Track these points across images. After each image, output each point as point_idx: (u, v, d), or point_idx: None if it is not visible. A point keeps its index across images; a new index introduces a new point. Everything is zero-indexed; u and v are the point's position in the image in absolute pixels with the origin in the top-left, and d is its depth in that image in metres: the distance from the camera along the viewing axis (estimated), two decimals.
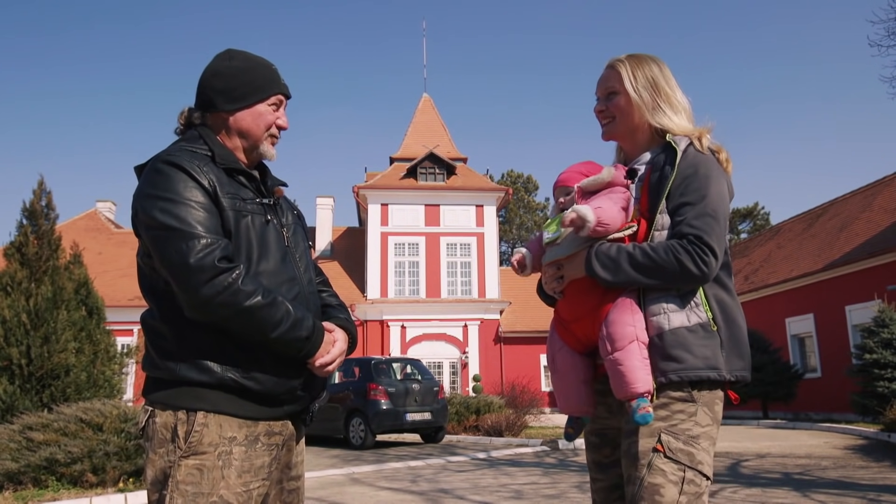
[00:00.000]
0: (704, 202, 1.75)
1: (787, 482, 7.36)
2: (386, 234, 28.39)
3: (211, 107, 1.84)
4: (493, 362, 27.60)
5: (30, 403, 7.83)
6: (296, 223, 1.96)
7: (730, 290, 1.82)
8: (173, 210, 1.63)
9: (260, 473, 1.70)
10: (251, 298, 1.62)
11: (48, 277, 8.64)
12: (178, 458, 1.63)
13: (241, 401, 1.69)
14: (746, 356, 1.81)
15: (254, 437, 1.70)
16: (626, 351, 1.72)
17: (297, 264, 1.86)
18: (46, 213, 9.12)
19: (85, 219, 30.68)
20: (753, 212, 51.19)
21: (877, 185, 22.56)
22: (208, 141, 1.80)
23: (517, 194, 49.39)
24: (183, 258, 1.60)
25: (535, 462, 10.13)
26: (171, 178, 1.67)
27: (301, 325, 1.69)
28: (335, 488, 7.62)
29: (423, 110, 32.96)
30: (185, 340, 1.67)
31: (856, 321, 18.77)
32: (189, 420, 1.65)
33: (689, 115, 1.94)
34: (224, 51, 1.89)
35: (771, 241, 27.49)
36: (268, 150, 1.88)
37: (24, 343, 8.00)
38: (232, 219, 1.71)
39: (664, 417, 1.71)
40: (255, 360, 1.69)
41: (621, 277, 1.74)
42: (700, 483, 1.68)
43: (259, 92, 1.84)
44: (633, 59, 1.95)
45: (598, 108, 2.00)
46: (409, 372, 14.40)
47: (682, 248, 1.70)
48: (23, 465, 6.72)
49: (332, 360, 1.79)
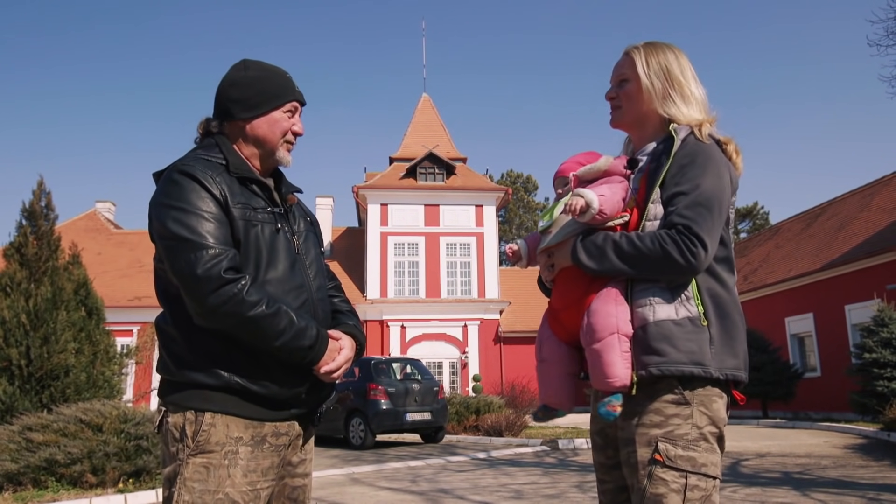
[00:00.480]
0: (697, 192, 1.68)
1: (786, 481, 7.36)
2: (385, 234, 28.38)
3: (228, 116, 1.90)
4: (492, 362, 27.60)
5: (29, 404, 7.82)
6: (308, 230, 2.01)
7: (726, 285, 1.74)
8: (184, 220, 1.70)
9: (268, 474, 1.76)
10: (255, 308, 1.67)
11: (47, 278, 8.63)
12: (187, 457, 1.70)
13: (246, 403, 1.74)
14: (741, 355, 1.72)
15: (260, 438, 1.75)
16: (606, 343, 1.67)
17: (306, 271, 1.90)
18: (46, 213, 9.11)
19: (84, 219, 30.66)
20: (753, 211, 51.20)
21: (875, 184, 22.57)
22: (224, 150, 1.86)
23: (517, 194, 49.43)
24: (191, 268, 1.66)
25: (535, 462, 10.13)
26: (184, 188, 1.73)
27: (304, 335, 1.74)
28: (335, 488, 7.62)
29: (422, 110, 32.96)
30: (195, 345, 1.74)
31: (855, 320, 18.78)
32: (197, 420, 1.71)
33: (703, 107, 1.87)
34: (240, 61, 1.95)
35: (770, 240, 27.50)
36: (284, 156, 1.93)
37: (24, 344, 7.99)
38: (242, 228, 1.76)
39: (659, 424, 1.66)
40: (261, 366, 1.74)
41: (606, 266, 1.70)
42: (705, 485, 1.63)
43: (274, 99, 1.89)
44: (649, 46, 1.91)
45: (609, 94, 1.96)
46: (409, 372, 14.40)
47: (670, 238, 1.64)
48: (22, 465, 6.72)
49: (337, 367, 1.82)
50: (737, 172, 1.85)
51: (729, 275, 1.77)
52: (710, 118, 1.85)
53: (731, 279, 1.77)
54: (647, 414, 1.68)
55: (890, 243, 17.70)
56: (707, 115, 1.87)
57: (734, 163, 1.84)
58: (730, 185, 1.78)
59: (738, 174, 1.85)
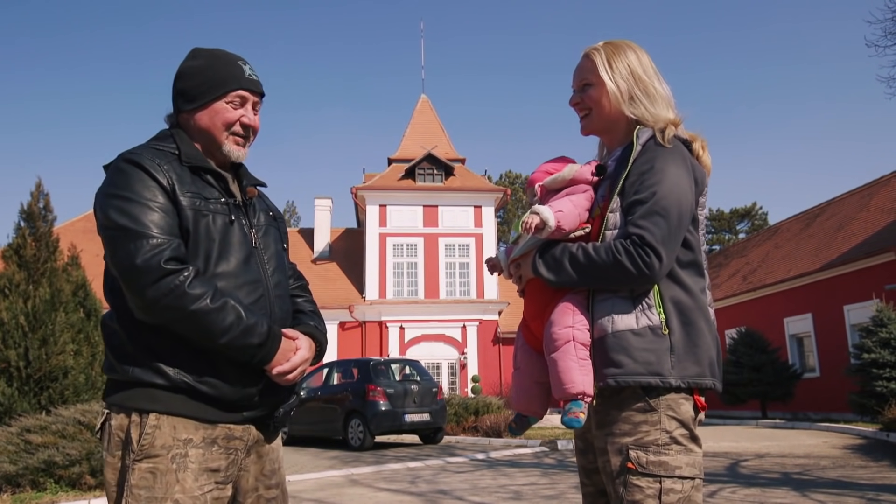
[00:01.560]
0: (654, 199, 1.66)
1: (786, 482, 7.36)
2: (384, 234, 28.36)
3: (176, 108, 1.83)
4: (491, 363, 27.58)
5: (28, 406, 7.82)
6: (269, 224, 1.90)
7: (691, 292, 1.72)
8: (127, 209, 1.61)
9: (214, 476, 1.64)
10: (198, 302, 1.57)
11: (46, 279, 8.63)
12: (132, 462, 1.60)
13: (195, 402, 1.64)
14: (706, 362, 1.70)
15: (211, 440, 1.65)
16: (562, 351, 1.69)
17: (263, 266, 1.80)
18: (44, 214, 9.11)
19: (83, 220, 30.58)
20: (752, 212, 51.25)
21: (874, 185, 22.59)
22: (177, 140, 1.77)
23: (515, 195, 49.40)
24: (130, 258, 1.57)
25: (534, 463, 10.13)
26: (129, 176, 1.65)
27: (253, 332, 1.64)
28: (334, 490, 7.61)
29: (421, 111, 32.94)
30: (139, 342, 1.64)
31: (854, 321, 18.78)
32: (142, 422, 1.61)
33: (669, 104, 1.84)
34: (191, 50, 1.85)
35: (769, 241, 27.51)
36: (231, 149, 1.81)
37: (22, 345, 7.99)
38: (191, 218, 1.67)
39: (628, 432, 1.67)
40: (210, 364, 1.64)
41: (563, 278, 1.72)
42: (681, 487, 1.64)
43: (214, 90, 1.77)
44: (609, 46, 1.86)
45: (573, 100, 1.92)
46: (408, 373, 14.39)
47: (623, 248, 1.64)
48: (21, 467, 6.71)
49: (291, 368, 1.72)
50: (704, 169, 1.82)
51: (695, 280, 1.75)
52: (677, 119, 1.82)
53: (697, 284, 1.75)
54: (616, 423, 1.69)
55: (888, 243, 17.71)
56: (674, 110, 1.84)
57: (701, 160, 1.82)
58: (693, 187, 1.74)
59: (706, 171, 1.83)
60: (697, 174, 1.78)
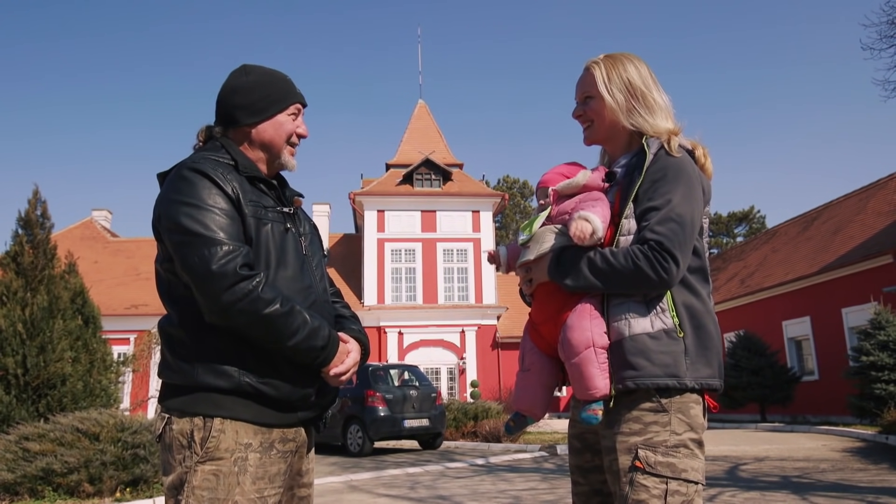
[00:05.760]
0: (669, 207, 1.71)
1: (785, 485, 7.36)
2: (382, 240, 28.38)
3: (233, 122, 1.89)
4: (490, 368, 27.57)
5: (26, 413, 7.80)
6: (312, 233, 2.00)
7: (701, 297, 1.77)
8: (197, 216, 1.67)
9: (275, 481, 1.73)
10: (270, 306, 1.65)
11: (44, 287, 8.62)
12: (195, 464, 1.66)
13: (257, 406, 1.71)
14: (716, 364, 1.76)
15: (269, 444, 1.73)
16: (584, 357, 1.72)
17: (313, 273, 1.89)
18: (42, 222, 9.11)
19: (80, 228, 30.60)
20: (749, 215, 51.34)
21: (871, 188, 22.64)
22: (231, 151, 1.85)
23: (513, 200, 49.50)
24: (205, 264, 1.63)
25: (534, 468, 10.12)
26: (195, 184, 1.71)
27: (318, 335, 1.72)
28: (333, 496, 7.61)
29: (418, 116, 33.00)
30: (203, 345, 1.70)
31: (852, 323, 18.81)
32: (206, 426, 1.67)
33: (668, 114, 1.89)
34: (240, 66, 1.94)
35: (766, 244, 27.55)
36: (288, 160, 1.92)
37: (20, 353, 7.97)
38: (253, 226, 1.75)
39: (638, 431, 1.70)
40: (272, 366, 1.71)
41: (581, 282, 1.74)
42: (686, 490, 1.67)
43: (278, 103, 1.89)
44: (608, 59, 1.92)
45: (576, 112, 1.98)
46: (407, 378, 14.37)
47: (642, 254, 1.68)
48: (19, 475, 6.68)
49: (346, 369, 1.81)
50: (707, 177, 1.87)
51: (703, 285, 1.80)
52: (676, 129, 1.86)
53: (705, 289, 1.80)
54: (626, 422, 1.72)
55: (886, 246, 17.74)
56: (673, 121, 1.89)
57: (703, 167, 1.87)
58: (702, 196, 1.80)
59: (708, 178, 1.88)
60: (704, 183, 1.84)
